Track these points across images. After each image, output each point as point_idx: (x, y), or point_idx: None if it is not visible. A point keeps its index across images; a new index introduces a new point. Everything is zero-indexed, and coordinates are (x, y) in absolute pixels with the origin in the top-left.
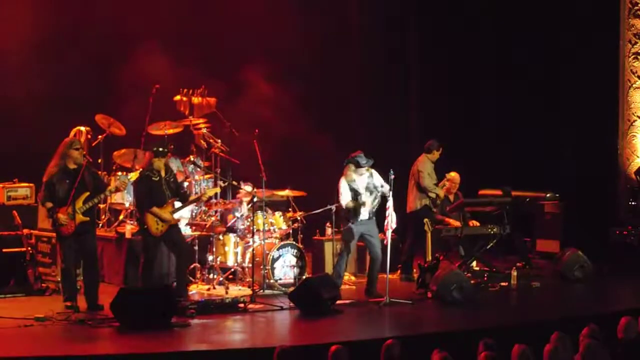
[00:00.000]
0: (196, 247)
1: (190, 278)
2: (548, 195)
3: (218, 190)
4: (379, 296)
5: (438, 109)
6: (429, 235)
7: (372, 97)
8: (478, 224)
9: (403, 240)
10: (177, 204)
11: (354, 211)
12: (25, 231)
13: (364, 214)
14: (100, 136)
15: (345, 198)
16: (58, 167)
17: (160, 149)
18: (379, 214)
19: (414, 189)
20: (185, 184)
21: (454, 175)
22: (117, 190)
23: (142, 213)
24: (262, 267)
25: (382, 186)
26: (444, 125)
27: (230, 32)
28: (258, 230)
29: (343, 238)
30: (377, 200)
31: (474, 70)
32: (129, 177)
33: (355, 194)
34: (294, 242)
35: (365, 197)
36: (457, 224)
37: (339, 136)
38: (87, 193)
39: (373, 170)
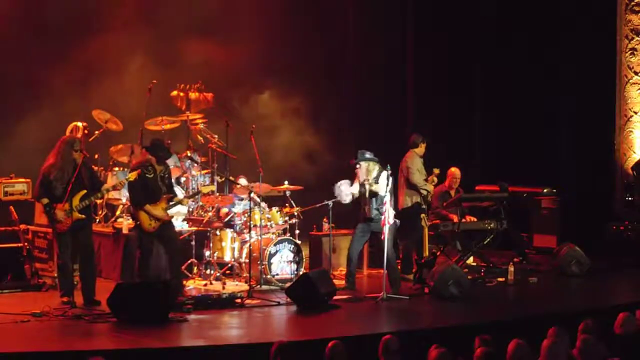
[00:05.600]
0: (193, 243)
1: (187, 274)
2: (545, 190)
3: (213, 188)
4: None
5: (437, 107)
6: (426, 230)
7: (372, 93)
8: (475, 219)
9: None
10: (171, 201)
11: (358, 204)
12: (22, 227)
13: (372, 211)
14: (97, 131)
15: (354, 189)
16: (56, 163)
17: (161, 154)
18: None
19: (404, 186)
20: (183, 179)
21: (454, 170)
22: (115, 189)
23: (136, 209)
24: (259, 262)
25: (374, 184)
26: (443, 122)
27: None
28: (255, 225)
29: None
30: (374, 198)
31: (472, 68)
32: (126, 176)
33: (362, 187)
34: (291, 238)
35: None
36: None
37: (338, 132)
38: (84, 191)
39: (382, 173)
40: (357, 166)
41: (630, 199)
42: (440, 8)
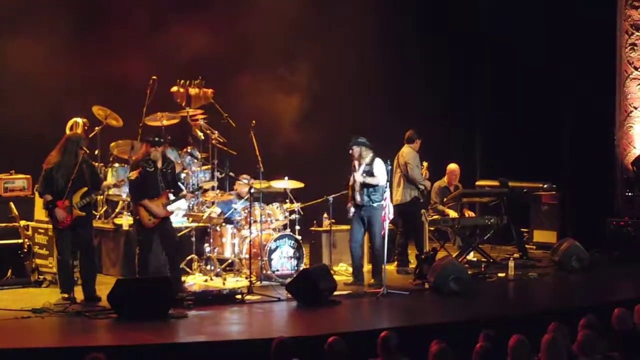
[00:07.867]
0: (193, 239)
1: (187, 269)
2: (545, 186)
3: (215, 184)
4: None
5: (438, 104)
6: (426, 226)
7: (375, 90)
8: (473, 214)
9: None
10: (172, 196)
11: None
12: (22, 223)
13: (363, 197)
14: (97, 127)
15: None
16: (59, 159)
17: (157, 139)
18: None
19: (402, 181)
20: (183, 175)
21: (453, 166)
22: (116, 186)
23: (135, 205)
24: (259, 258)
25: (368, 177)
26: (443, 119)
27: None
28: (255, 221)
29: None
30: (367, 187)
31: (473, 67)
32: (127, 174)
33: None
34: (291, 233)
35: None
36: (455, 214)
37: (337, 127)
38: (85, 188)
39: (376, 160)
40: (350, 150)
41: (630, 194)
42: (441, 7)
